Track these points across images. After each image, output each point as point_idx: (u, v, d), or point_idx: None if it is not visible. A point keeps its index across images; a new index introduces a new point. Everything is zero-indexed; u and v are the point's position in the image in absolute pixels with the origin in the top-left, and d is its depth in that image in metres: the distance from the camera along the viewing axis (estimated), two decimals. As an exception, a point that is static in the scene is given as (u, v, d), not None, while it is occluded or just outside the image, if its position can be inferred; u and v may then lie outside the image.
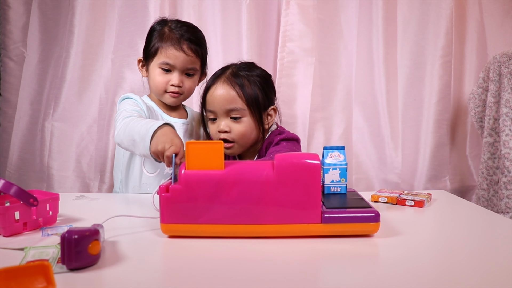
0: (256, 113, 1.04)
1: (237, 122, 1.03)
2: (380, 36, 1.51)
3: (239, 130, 1.03)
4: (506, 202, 1.32)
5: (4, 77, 1.54)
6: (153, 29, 1.16)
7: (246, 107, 1.03)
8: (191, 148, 0.71)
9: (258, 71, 1.08)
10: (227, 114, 1.03)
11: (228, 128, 1.03)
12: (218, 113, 1.04)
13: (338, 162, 0.83)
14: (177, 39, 1.10)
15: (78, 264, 0.57)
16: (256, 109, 1.03)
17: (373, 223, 0.70)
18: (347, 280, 0.55)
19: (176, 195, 0.71)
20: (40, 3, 1.53)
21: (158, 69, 1.11)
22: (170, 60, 1.10)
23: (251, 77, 1.04)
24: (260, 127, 1.06)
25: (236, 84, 1.02)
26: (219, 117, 1.04)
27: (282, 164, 0.70)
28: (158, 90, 1.13)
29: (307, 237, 0.71)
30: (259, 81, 1.05)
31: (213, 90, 1.04)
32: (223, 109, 1.03)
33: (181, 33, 1.11)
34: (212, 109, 1.05)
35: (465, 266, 0.60)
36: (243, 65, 1.09)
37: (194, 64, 1.13)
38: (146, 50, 1.15)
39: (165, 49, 1.10)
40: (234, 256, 0.64)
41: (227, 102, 1.02)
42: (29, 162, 1.53)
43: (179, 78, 1.11)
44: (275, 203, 0.70)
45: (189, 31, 1.13)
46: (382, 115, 1.55)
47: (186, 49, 1.10)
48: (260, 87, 1.05)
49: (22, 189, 0.75)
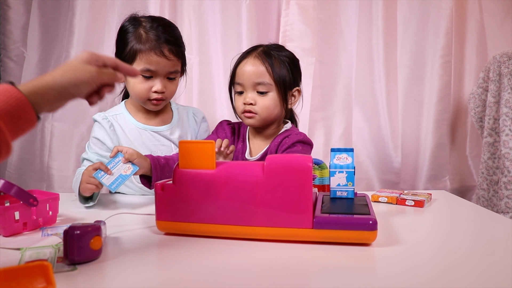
0: (282, 91, 1.07)
1: (263, 96, 1.06)
2: (380, 36, 1.51)
3: (264, 104, 1.06)
4: (506, 202, 1.32)
5: (4, 77, 1.54)
6: (126, 30, 1.07)
7: (273, 83, 1.06)
8: (183, 147, 0.72)
9: (287, 53, 1.12)
10: (254, 88, 1.06)
11: (254, 101, 1.06)
12: (246, 86, 1.07)
13: (345, 165, 0.79)
14: (156, 43, 1.03)
15: (80, 259, 0.59)
16: (282, 86, 1.07)
17: (369, 231, 0.65)
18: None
19: (170, 194, 0.72)
20: (40, 3, 1.53)
21: (138, 77, 1.05)
22: (152, 67, 1.04)
23: (280, 57, 1.08)
24: (284, 105, 1.09)
25: (266, 60, 1.06)
26: (246, 90, 1.07)
27: (273, 165, 0.69)
28: (140, 98, 1.08)
29: (300, 242, 0.69)
30: (288, 61, 1.09)
31: (244, 64, 1.08)
32: (251, 83, 1.06)
33: (159, 34, 1.04)
34: (240, 82, 1.08)
35: (465, 266, 0.60)
36: (274, 45, 1.12)
37: (176, 67, 1.09)
38: (121, 54, 1.07)
39: (145, 55, 1.03)
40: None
41: (256, 76, 1.05)
42: (29, 162, 1.53)
43: (162, 84, 1.06)
44: (265, 205, 0.68)
45: (166, 31, 1.06)
46: (382, 115, 1.55)
47: (167, 53, 1.04)
48: (288, 67, 1.08)
49: (22, 189, 0.75)
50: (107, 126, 1.11)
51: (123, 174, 0.94)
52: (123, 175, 0.94)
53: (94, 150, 1.10)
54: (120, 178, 0.93)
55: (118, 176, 0.93)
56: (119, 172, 0.94)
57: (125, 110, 1.15)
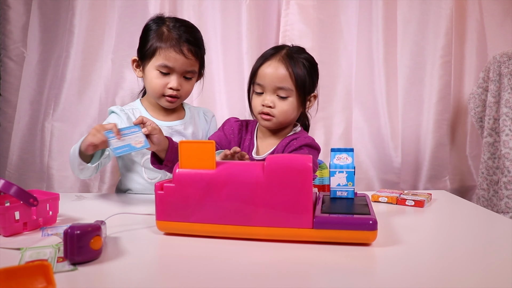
0: (301, 96, 1.07)
1: (283, 100, 1.06)
2: (380, 36, 1.51)
3: (283, 108, 1.06)
4: (506, 202, 1.32)
5: (4, 77, 1.54)
6: (149, 28, 1.10)
7: (294, 88, 1.06)
8: (184, 147, 0.72)
9: (308, 56, 1.11)
10: (275, 91, 1.06)
11: (273, 104, 1.06)
12: (267, 88, 1.07)
13: (345, 165, 0.79)
14: (176, 41, 1.06)
15: (81, 259, 0.58)
16: (302, 92, 1.06)
17: (369, 231, 0.65)
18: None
19: (170, 194, 0.72)
20: (40, 3, 1.53)
21: (156, 72, 1.07)
22: (169, 63, 1.06)
23: (302, 61, 1.07)
24: (300, 109, 1.10)
25: (289, 65, 1.05)
26: (266, 92, 1.07)
27: (273, 165, 0.69)
28: (155, 93, 1.10)
29: (300, 242, 0.68)
30: (308, 65, 1.08)
31: (267, 66, 1.06)
32: (272, 86, 1.05)
33: (180, 33, 1.07)
34: (261, 83, 1.07)
35: (465, 266, 0.60)
36: (296, 48, 1.11)
37: (193, 66, 1.10)
38: (142, 50, 1.10)
39: (164, 51, 1.05)
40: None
41: (278, 80, 1.05)
42: (29, 162, 1.53)
43: (178, 81, 1.08)
44: (265, 205, 0.68)
45: (188, 31, 1.09)
46: (382, 115, 1.55)
47: (186, 51, 1.06)
48: (308, 71, 1.07)
49: (22, 189, 0.75)
50: (125, 117, 1.11)
51: (133, 145, 0.89)
52: (132, 146, 0.89)
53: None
54: (128, 147, 0.89)
55: (127, 144, 0.89)
56: (129, 141, 0.89)
57: (141, 106, 1.17)
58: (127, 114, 1.12)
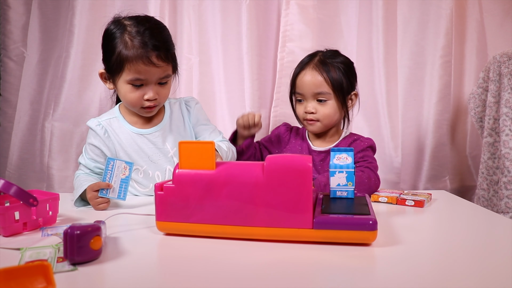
0: (340, 97, 1.14)
1: (323, 104, 1.14)
2: (380, 36, 1.51)
3: (324, 112, 1.14)
4: (506, 202, 1.32)
5: (4, 77, 1.54)
6: (111, 36, 1.01)
7: (332, 92, 1.12)
8: (183, 147, 0.72)
9: (342, 58, 1.18)
10: (314, 97, 1.14)
11: (315, 110, 1.14)
12: (306, 95, 1.15)
13: (345, 165, 0.79)
14: (143, 51, 0.97)
15: (81, 259, 0.59)
16: (340, 93, 1.13)
17: (369, 231, 0.65)
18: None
19: (169, 194, 0.72)
20: (40, 3, 1.53)
21: (128, 86, 1.01)
22: (141, 76, 0.99)
23: (336, 64, 1.14)
24: (343, 110, 1.16)
25: (323, 71, 1.12)
26: (307, 99, 1.15)
27: (273, 165, 0.69)
28: (132, 106, 1.06)
29: (300, 242, 0.68)
30: (343, 67, 1.15)
31: (303, 75, 1.15)
32: (310, 93, 1.14)
33: (145, 40, 0.98)
34: (301, 92, 1.16)
35: (465, 266, 0.60)
36: (329, 52, 1.18)
37: (167, 71, 1.03)
38: (107, 62, 1.02)
39: (132, 65, 0.97)
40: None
41: (315, 86, 1.13)
42: (29, 162, 1.53)
43: (154, 91, 1.02)
44: (265, 206, 0.68)
45: (152, 34, 0.99)
46: (382, 115, 1.55)
47: (155, 60, 0.98)
48: (344, 73, 1.14)
49: (22, 189, 0.75)
50: (102, 133, 1.09)
51: (123, 178, 0.96)
52: (123, 179, 0.96)
53: (90, 156, 1.10)
54: (123, 183, 0.96)
55: (120, 183, 0.96)
56: (119, 179, 0.96)
57: (119, 113, 1.14)
58: (104, 129, 1.10)
